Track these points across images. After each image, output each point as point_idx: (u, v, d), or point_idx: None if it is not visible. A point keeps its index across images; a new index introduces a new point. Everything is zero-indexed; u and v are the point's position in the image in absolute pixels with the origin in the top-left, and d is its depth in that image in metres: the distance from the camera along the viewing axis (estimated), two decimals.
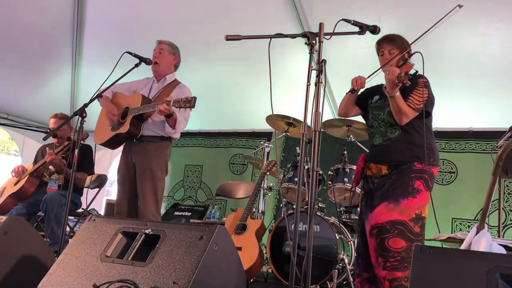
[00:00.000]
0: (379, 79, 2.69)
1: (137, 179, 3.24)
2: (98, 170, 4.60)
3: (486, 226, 1.71)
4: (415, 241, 2.35)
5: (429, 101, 2.55)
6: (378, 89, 2.76)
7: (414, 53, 2.54)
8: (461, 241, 1.75)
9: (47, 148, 4.37)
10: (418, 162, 2.51)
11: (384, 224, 2.44)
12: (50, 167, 4.11)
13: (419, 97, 2.51)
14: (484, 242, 1.62)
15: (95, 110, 3.60)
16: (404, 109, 2.48)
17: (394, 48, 2.66)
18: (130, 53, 3.12)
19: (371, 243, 2.49)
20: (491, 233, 4.05)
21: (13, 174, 4.22)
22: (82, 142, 3.81)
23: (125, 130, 3.16)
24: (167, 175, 3.43)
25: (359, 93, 2.74)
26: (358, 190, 3.68)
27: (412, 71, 2.55)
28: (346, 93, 2.71)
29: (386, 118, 2.63)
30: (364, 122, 3.80)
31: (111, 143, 3.36)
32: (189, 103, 2.85)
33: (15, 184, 4.13)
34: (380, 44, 2.71)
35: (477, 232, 1.67)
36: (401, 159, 2.54)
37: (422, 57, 2.41)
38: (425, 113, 2.52)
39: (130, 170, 3.29)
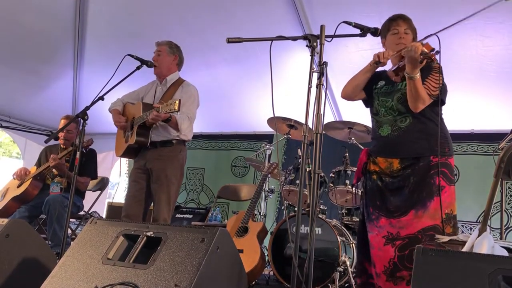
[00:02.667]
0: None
1: (152, 185, 3.24)
2: (99, 173, 4.61)
3: (488, 228, 1.71)
4: None
5: (444, 89, 2.36)
6: (382, 74, 2.58)
7: (430, 35, 2.39)
8: (463, 243, 1.74)
9: (47, 151, 4.37)
10: (433, 156, 2.32)
11: (416, 234, 2.26)
12: (54, 170, 4.12)
13: (435, 83, 2.31)
14: (486, 245, 1.61)
15: (97, 113, 3.61)
16: (422, 94, 2.27)
17: (409, 28, 2.47)
18: (132, 56, 3.14)
19: (388, 254, 2.30)
20: (493, 235, 4.05)
21: (14, 177, 4.23)
22: (89, 147, 3.83)
23: (133, 141, 3.20)
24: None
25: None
26: (360, 192, 3.67)
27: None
28: (371, 64, 2.44)
29: (395, 105, 2.43)
30: (362, 123, 3.81)
31: (128, 154, 3.39)
32: (174, 106, 2.84)
33: (18, 186, 4.13)
34: (394, 21, 2.48)
35: (479, 234, 1.67)
36: (415, 151, 2.36)
37: (439, 41, 2.26)
38: (434, 103, 2.33)
39: (144, 175, 3.29)
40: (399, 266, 2.26)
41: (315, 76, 1.98)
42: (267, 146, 4.54)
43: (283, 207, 5.27)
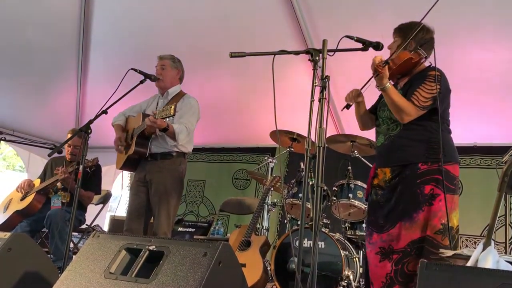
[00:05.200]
0: None
1: (151, 197, 3.25)
2: (102, 186, 4.61)
3: (492, 242, 1.69)
4: None
5: (442, 96, 2.27)
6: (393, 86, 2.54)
7: (425, 42, 2.32)
8: (467, 257, 1.73)
9: (53, 164, 4.37)
10: (422, 163, 2.24)
11: (406, 247, 2.19)
12: (58, 184, 4.12)
13: (426, 93, 2.25)
14: (491, 259, 1.59)
15: (100, 127, 3.63)
16: (401, 104, 2.22)
17: (397, 36, 2.43)
18: (135, 70, 3.17)
19: (385, 269, 2.24)
20: (498, 249, 4.01)
21: (19, 190, 4.22)
22: (94, 165, 3.85)
23: (132, 151, 3.22)
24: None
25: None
26: (363, 206, 3.65)
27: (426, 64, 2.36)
28: (341, 110, 2.55)
29: (389, 114, 2.38)
30: (365, 136, 3.81)
31: (128, 166, 3.40)
32: (169, 110, 2.86)
33: (22, 199, 4.13)
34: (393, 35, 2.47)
35: (484, 249, 1.65)
36: (402, 159, 2.29)
37: (433, 47, 2.26)
38: (433, 110, 2.27)
39: (144, 188, 3.30)
40: (394, 281, 2.21)
41: (317, 89, 1.98)
42: (270, 159, 4.53)
43: (285, 221, 5.24)
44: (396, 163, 2.33)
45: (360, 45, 2.18)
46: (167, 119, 2.99)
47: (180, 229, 5.50)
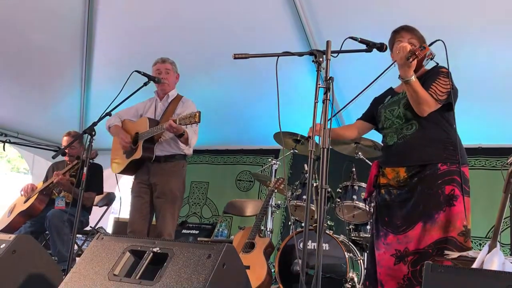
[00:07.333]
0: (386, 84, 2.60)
1: (156, 199, 3.27)
2: (105, 188, 4.61)
3: (498, 244, 1.68)
4: None
5: (453, 93, 2.27)
6: (389, 91, 2.58)
7: (436, 41, 2.31)
8: (473, 259, 1.72)
9: (54, 168, 4.39)
10: (441, 163, 2.22)
11: (426, 249, 2.16)
12: None
13: (442, 88, 2.25)
14: (497, 261, 1.59)
15: (104, 129, 3.63)
16: (424, 96, 2.19)
17: (414, 37, 2.41)
18: (139, 72, 3.17)
19: (401, 272, 2.20)
20: (503, 251, 3.98)
21: (22, 193, 4.24)
22: (91, 160, 3.85)
23: (139, 156, 3.21)
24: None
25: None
26: (366, 207, 3.65)
27: (432, 64, 2.35)
28: (300, 142, 2.54)
29: (402, 112, 2.35)
30: (369, 138, 3.79)
31: (129, 170, 3.40)
32: (194, 118, 2.87)
33: (25, 202, 4.15)
34: (398, 33, 2.44)
35: (489, 251, 1.64)
36: (421, 158, 2.26)
37: (445, 45, 2.24)
38: (449, 105, 2.27)
39: (147, 189, 3.31)
40: (413, 282, 2.17)
41: (321, 91, 1.98)
42: (273, 161, 4.53)
43: (289, 223, 5.23)
44: (414, 162, 2.29)
45: (364, 46, 2.17)
46: (191, 125, 2.99)
47: (183, 231, 5.50)
